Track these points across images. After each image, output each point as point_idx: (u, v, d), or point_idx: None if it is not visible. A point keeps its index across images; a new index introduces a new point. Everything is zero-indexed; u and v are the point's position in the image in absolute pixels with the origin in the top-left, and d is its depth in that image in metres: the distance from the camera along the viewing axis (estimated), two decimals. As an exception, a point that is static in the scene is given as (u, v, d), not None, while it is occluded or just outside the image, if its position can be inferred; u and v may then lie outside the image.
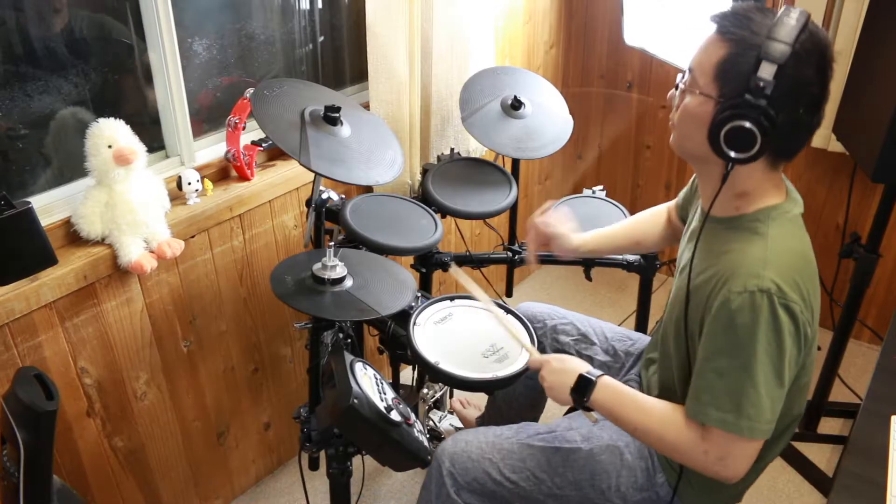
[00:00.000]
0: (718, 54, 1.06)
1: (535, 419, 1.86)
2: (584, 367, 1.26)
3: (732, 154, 1.06)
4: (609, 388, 1.23)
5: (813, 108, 1.07)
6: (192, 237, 1.64)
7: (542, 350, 1.66)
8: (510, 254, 1.98)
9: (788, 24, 1.00)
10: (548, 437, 1.37)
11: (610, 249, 1.60)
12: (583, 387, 1.22)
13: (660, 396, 1.29)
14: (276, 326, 1.95)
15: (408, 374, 2.31)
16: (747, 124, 1.02)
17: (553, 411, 1.93)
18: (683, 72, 1.14)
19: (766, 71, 1.00)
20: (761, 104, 1.01)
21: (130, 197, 1.46)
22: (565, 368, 1.26)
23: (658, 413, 1.19)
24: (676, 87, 1.14)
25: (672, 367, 1.26)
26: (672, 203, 1.54)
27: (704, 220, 1.17)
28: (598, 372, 1.24)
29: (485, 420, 1.97)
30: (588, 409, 1.24)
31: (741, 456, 1.11)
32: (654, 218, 1.58)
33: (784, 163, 1.14)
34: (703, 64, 1.08)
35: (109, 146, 1.42)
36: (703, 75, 1.08)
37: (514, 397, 1.84)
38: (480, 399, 2.13)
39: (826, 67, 1.05)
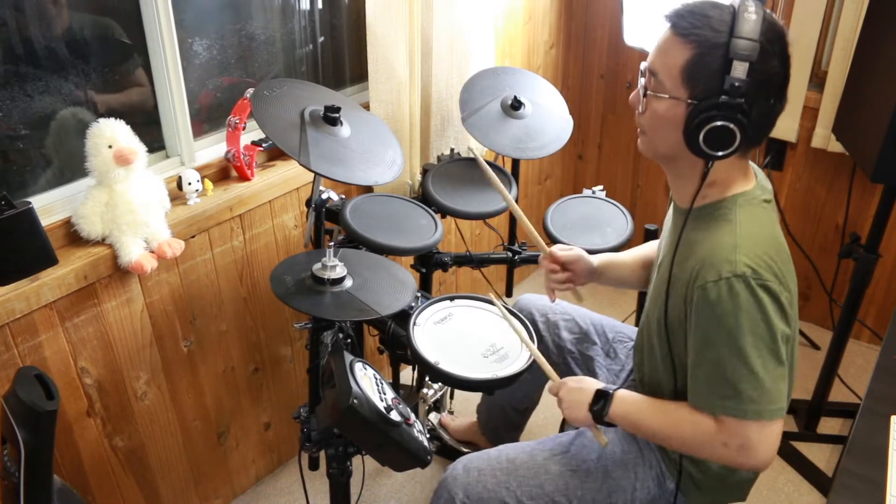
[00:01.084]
0: (683, 56, 1.06)
1: (516, 439, 1.86)
2: (599, 384, 1.27)
3: (712, 152, 1.07)
4: (626, 400, 1.24)
5: (781, 95, 1.08)
6: (193, 237, 1.64)
7: (541, 345, 1.66)
8: (510, 254, 1.98)
9: (750, 19, 1.02)
10: (564, 459, 1.36)
11: (617, 267, 1.52)
12: (601, 401, 1.23)
13: (649, 389, 1.30)
14: (276, 326, 1.95)
15: (408, 374, 2.31)
16: (728, 124, 1.04)
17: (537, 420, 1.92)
18: (644, 74, 1.13)
19: (739, 70, 1.02)
20: (739, 102, 1.03)
21: (131, 197, 1.46)
22: (582, 388, 1.28)
23: (674, 414, 1.19)
24: (644, 92, 1.13)
25: (657, 360, 1.27)
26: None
27: (687, 217, 1.17)
28: (613, 386, 1.26)
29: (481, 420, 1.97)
30: (606, 424, 1.25)
31: (759, 441, 1.09)
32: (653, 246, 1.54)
33: (753, 149, 1.15)
34: (668, 67, 1.08)
35: (110, 146, 1.42)
36: (669, 78, 1.08)
37: (495, 417, 1.84)
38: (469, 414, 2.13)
39: (787, 54, 1.07)
